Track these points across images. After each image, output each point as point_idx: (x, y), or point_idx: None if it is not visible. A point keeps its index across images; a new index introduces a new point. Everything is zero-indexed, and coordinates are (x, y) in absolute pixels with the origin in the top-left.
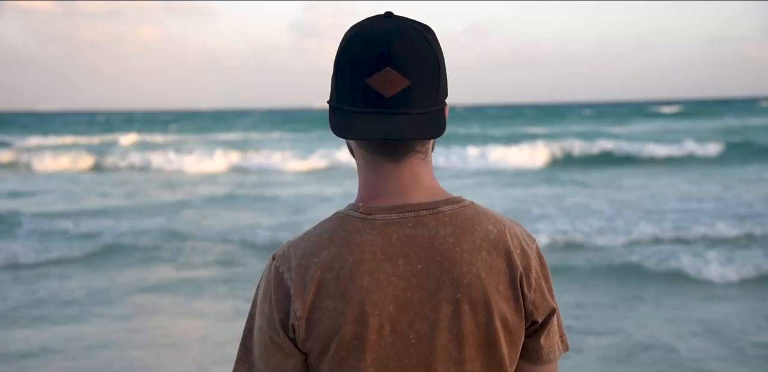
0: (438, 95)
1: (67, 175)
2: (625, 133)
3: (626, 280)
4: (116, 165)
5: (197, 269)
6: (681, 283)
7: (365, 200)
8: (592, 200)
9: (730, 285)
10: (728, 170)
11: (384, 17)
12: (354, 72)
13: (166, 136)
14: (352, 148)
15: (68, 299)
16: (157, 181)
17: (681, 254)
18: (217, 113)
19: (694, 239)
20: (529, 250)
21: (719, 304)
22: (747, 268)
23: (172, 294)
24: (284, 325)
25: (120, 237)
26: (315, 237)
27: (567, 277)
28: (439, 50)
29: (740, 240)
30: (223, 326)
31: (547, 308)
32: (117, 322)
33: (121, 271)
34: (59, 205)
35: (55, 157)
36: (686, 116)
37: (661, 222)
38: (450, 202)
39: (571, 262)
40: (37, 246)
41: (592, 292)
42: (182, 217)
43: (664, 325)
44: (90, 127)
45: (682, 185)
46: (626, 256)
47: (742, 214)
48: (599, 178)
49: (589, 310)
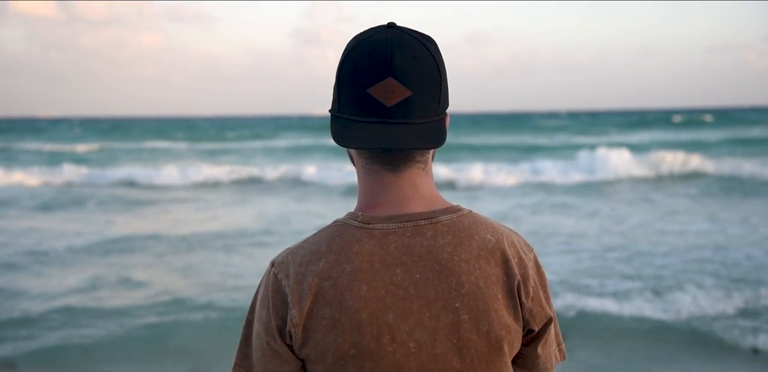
0: (439, 106)
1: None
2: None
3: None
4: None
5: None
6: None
7: (364, 209)
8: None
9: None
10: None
11: (386, 28)
12: (356, 81)
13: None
14: (352, 156)
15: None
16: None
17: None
18: (217, 120)
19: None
20: (527, 259)
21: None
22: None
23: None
24: (281, 331)
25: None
26: (313, 245)
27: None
28: (440, 61)
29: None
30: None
31: (544, 317)
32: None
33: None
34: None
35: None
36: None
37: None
38: (448, 212)
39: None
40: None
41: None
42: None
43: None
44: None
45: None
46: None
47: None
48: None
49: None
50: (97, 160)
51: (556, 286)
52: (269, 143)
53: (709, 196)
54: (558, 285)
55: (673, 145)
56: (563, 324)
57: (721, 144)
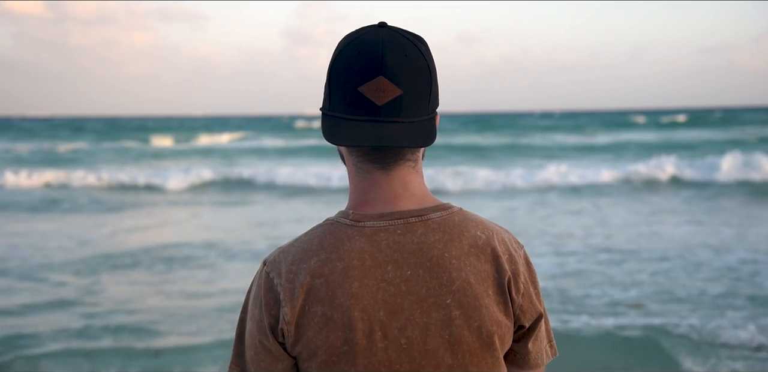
0: (429, 105)
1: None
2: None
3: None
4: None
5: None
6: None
7: (355, 207)
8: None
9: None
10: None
11: (378, 27)
12: (347, 80)
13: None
14: (343, 155)
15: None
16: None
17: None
18: (208, 119)
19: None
20: (517, 255)
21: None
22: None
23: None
24: (273, 329)
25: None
26: (305, 243)
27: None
28: (431, 60)
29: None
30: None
31: (534, 313)
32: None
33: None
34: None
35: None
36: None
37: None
38: (439, 209)
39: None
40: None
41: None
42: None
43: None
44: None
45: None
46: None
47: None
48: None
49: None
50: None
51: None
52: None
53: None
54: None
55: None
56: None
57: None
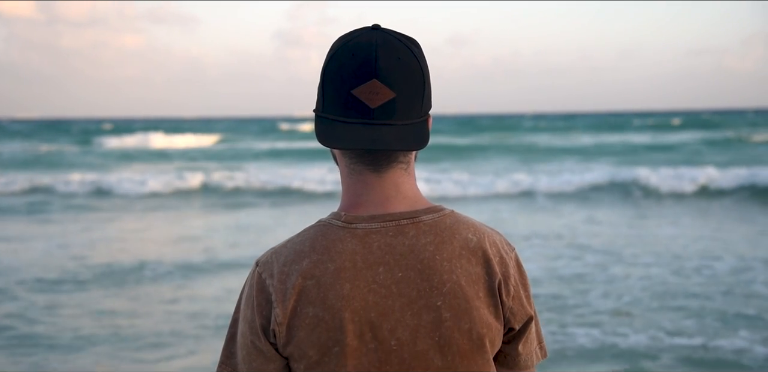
0: (422, 107)
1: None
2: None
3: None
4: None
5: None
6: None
7: (347, 209)
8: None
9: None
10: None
11: (371, 29)
12: (340, 83)
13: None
14: (336, 157)
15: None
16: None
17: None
18: (200, 121)
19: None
20: (508, 258)
21: None
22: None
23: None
24: (265, 330)
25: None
26: (297, 245)
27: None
28: (424, 63)
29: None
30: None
31: (524, 315)
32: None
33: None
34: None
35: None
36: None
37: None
38: (430, 211)
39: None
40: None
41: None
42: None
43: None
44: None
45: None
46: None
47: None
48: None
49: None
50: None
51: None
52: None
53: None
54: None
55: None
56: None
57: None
